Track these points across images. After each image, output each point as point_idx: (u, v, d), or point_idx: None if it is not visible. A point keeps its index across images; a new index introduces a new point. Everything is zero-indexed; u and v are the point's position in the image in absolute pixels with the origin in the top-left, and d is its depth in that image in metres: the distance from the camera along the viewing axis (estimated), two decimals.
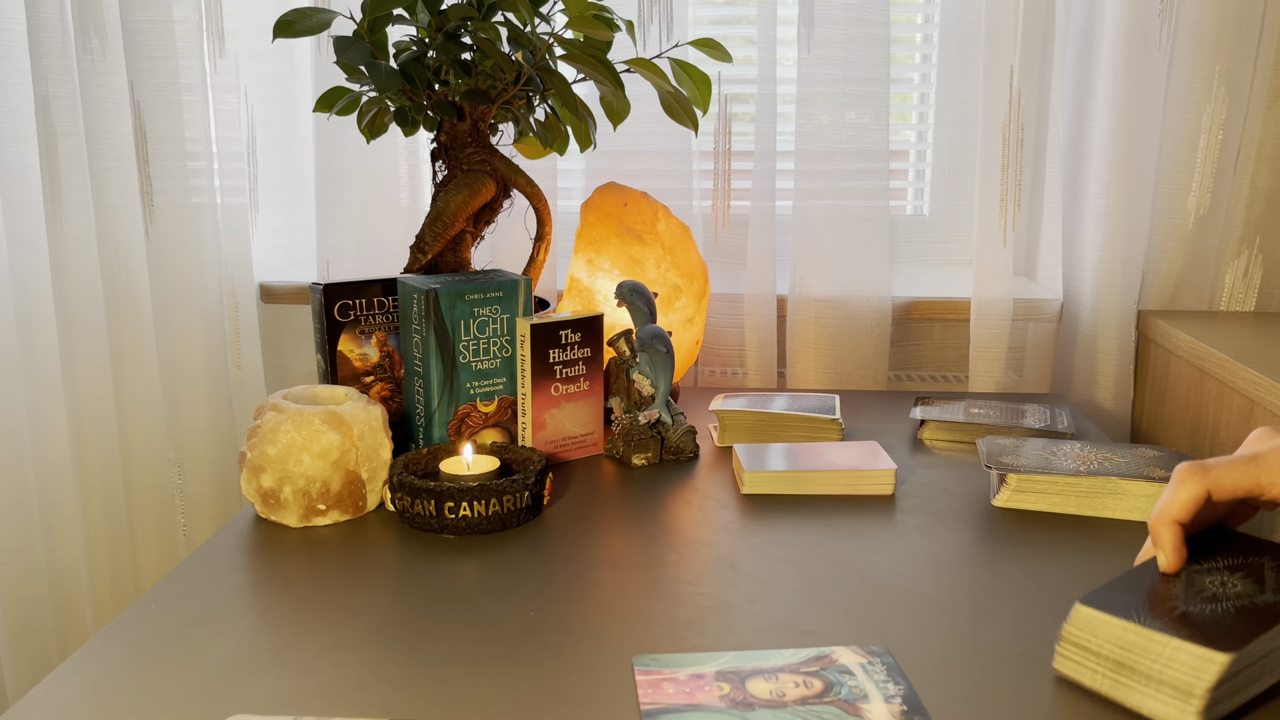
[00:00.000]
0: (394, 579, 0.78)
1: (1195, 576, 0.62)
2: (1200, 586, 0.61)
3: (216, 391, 1.40)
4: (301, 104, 1.48)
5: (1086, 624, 0.61)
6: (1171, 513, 0.63)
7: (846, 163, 1.32)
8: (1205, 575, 0.63)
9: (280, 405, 0.89)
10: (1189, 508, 0.63)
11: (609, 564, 0.80)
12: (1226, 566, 0.63)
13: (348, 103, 1.03)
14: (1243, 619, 0.57)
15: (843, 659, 0.65)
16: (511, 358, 0.99)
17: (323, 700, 0.62)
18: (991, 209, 1.31)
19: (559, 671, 0.65)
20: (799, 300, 1.35)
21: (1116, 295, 1.30)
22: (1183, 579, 0.62)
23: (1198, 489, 0.63)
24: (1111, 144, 1.28)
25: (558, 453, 1.03)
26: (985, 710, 0.60)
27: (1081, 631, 0.61)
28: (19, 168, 1.31)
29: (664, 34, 1.30)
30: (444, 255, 1.05)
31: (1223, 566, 0.63)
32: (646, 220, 1.16)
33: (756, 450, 0.99)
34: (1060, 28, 1.29)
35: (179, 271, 1.35)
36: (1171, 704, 0.56)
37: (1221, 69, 1.25)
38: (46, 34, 1.26)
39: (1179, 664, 0.56)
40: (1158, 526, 0.63)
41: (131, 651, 0.67)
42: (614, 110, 1.05)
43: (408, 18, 0.99)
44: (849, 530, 0.86)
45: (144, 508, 1.41)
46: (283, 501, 0.87)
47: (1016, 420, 1.10)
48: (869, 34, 1.28)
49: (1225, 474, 0.63)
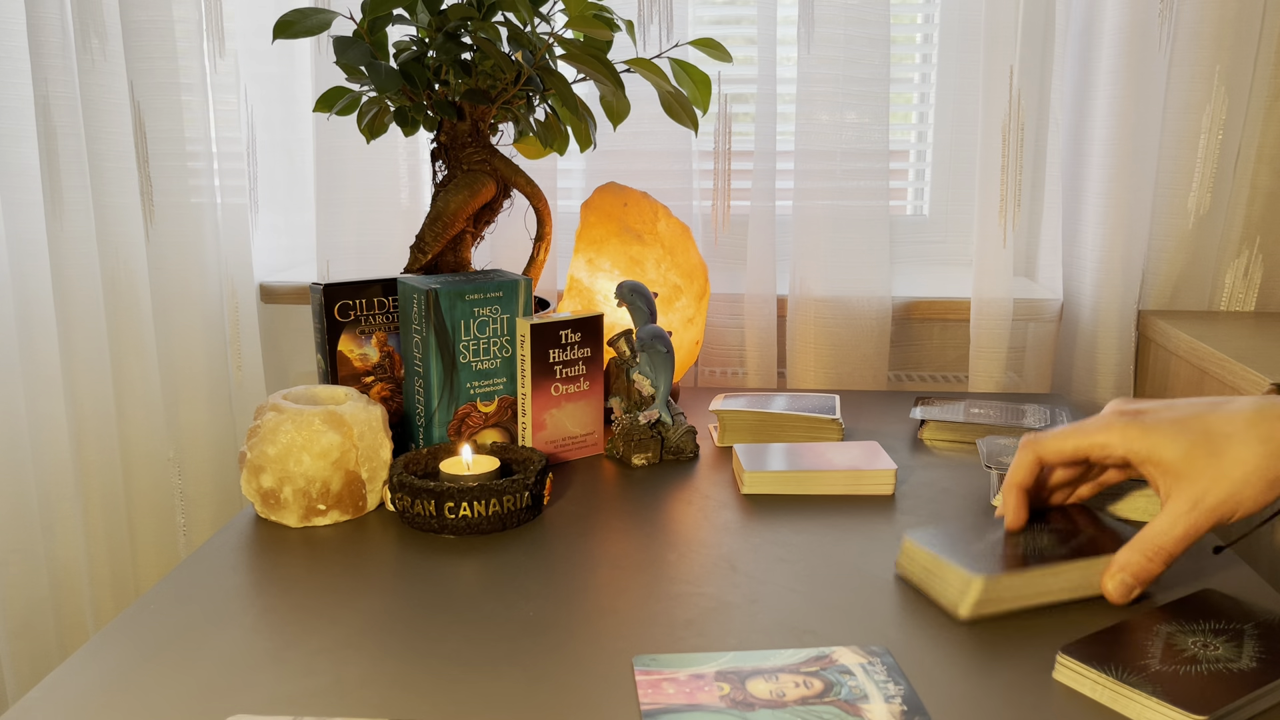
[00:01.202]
0: (394, 579, 0.78)
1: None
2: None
3: (216, 391, 1.40)
4: (301, 104, 1.48)
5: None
6: (1014, 478, 0.74)
7: (846, 163, 1.32)
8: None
9: (280, 405, 0.89)
10: (1024, 472, 0.74)
11: (609, 564, 0.80)
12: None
13: (348, 103, 1.03)
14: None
15: (843, 659, 0.65)
16: (511, 358, 0.99)
17: (323, 700, 0.62)
18: (991, 209, 1.31)
19: (559, 671, 0.65)
20: (799, 300, 1.35)
21: (1116, 295, 1.30)
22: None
23: (1029, 455, 0.73)
24: (1111, 144, 1.28)
25: (558, 453, 1.03)
26: (985, 710, 0.60)
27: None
28: (19, 168, 1.31)
29: (664, 34, 1.30)
30: (444, 255, 1.05)
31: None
32: (646, 220, 1.16)
33: (756, 450, 0.99)
34: (1060, 28, 1.29)
35: (179, 271, 1.35)
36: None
37: (1221, 69, 1.25)
38: (46, 34, 1.26)
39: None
40: (1004, 491, 0.75)
41: (131, 651, 0.67)
42: (614, 110, 1.05)
43: (408, 18, 0.99)
44: (849, 530, 0.86)
45: (144, 508, 1.41)
46: (283, 501, 0.87)
47: (1016, 420, 1.10)
48: (869, 34, 1.28)
49: (1050, 441, 0.72)
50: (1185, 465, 0.66)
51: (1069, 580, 0.72)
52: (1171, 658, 0.61)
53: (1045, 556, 0.71)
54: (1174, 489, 0.66)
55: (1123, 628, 0.65)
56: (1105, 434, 0.69)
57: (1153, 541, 0.67)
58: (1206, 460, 0.65)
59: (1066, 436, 0.71)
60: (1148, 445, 0.67)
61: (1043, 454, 0.73)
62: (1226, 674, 0.60)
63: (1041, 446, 0.73)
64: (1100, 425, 0.70)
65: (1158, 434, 0.67)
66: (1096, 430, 0.70)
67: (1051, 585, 0.71)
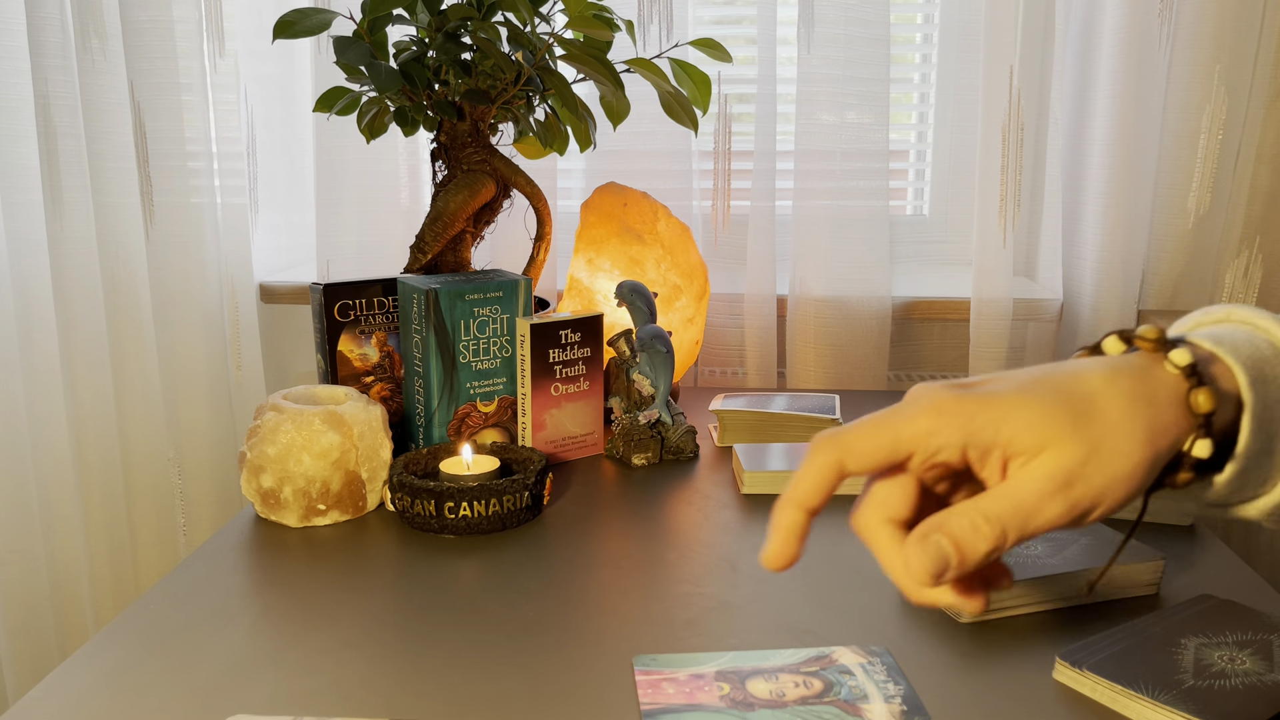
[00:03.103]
0: (394, 579, 0.78)
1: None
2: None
3: (216, 391, 1.40)
4: (301, 104, 1.48)
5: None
6: (802, 494, 0.47)
7: (846, 163, 1.32)
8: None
9: (280, 405, 0.89)
10: (818, 486, 0.47)
11: (609, 564, 0.80)
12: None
13: (348, 103, 1.03)
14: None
15: (843, 659, 0.65)
16: (511, 358, 0.99)
17: (323, 700, 0.62)
18: (991, 209, 1.31)
19: (559, 671, 0.65)
20: (799, 300, 1.35)
21: (1116, 295, 1.30)
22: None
23: (827, 459, 0.47)
24: (1111, 144, 1.28)
25: (558, 453, 1.03)
26: (985, 710, 0.60)
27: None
28: (19, 168, 1.31)
29: (664, 34, 1.30)
30: (444, 255, 1.05)
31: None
32: (646, 220, 1.16)
33: (756, 450, 0.99)
34: (1060, 28, 1.29)
35: (179, 271, 1.35)
36: None
37: (1221, 69, 1.25)
38: (46, 34, 1.26)
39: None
40: (778, 511, 0.47)
41: (131, 651, 0.67)
42: (614, 110, 1.05)
43: (408, 18, 0.99)
44: (849, 530, 0.86)
45: (144, 508, 1.41)
46: (283, 501, 0.87)
47: None
48: (869, 34, 1.28)
49: (855, 438, 0.47)
50: (1046, 434, 0.46)
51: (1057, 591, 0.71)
52: (1201, 673, 0.60)
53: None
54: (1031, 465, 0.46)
55: (1131, 635, 0.65)
56: (930, 418, 0.46)
57: (999, 514, 0.45)
58: (1073, 427, 0.46)
59: (878, 429, 0.47)
60: (991, 421, 0.46)
61: (847, 459, 0.47)
62: (1260, 687, 0.59)
63: (844, 447, 0.46)
64: (920, 410, 0.47)
65: (1000, 405, 0.46)
66: (917, 416, 0.46)
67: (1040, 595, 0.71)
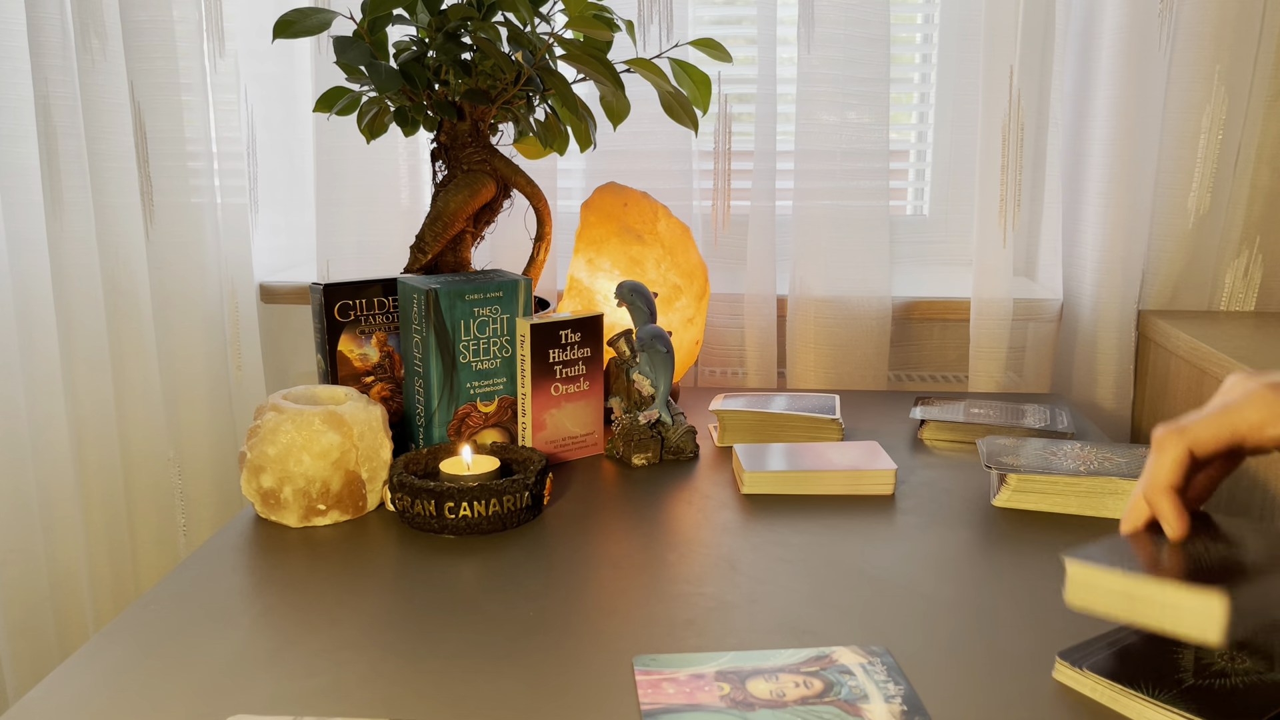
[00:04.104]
0: (394, 579, 0.78)
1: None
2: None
3: (216, 392, 1.40)
4: (301, 104, 1.48)
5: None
6: (1161, 481, 0.61)
7: (846, 163, 1.32)
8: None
9: (280, 405, 0.89)
10: (1175, 471, 0.61)
11: (609, 564, 0.80)
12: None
13: (348, 103, 1.03)
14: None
15: (843, 659, 0.65)
16: (511, 358, 0.99)
17: (323, 700, 0.62)
18: (991, 209, 1.31)
19: (559, 671, 0.65)
20: (799, 300, 1.35)
21: (1116, 295, 1.30)
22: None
23: (1179, 450, 0.61)
24: (1111, 144, 1.28)
25: (558, 453, 1.03)
26: (985, 710, 0.60)
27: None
28: (19, 168, 1.31)
29: (664, 34, 1.30)
30: (444, 255, 1.05)
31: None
32: (646, 220, 1.16)
33: (756, 450, 0.99)
34: (1060, 28, 1.29)
35: (179, 271, 1.35)
36: None
37: (1221, 69, 1.25)
38: (46, 34, 1.26)
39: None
40: (1154, 497, 0.61)
41: (131, 651, 0.67)
42: (614, 110, 1.05)
43: (408, 18, 0.99)
44: (849, 530, 0.86)
45: (144, 508, 1.41)
46: (283, 501, 0.87)
47: (1016, 420, 1.10)
48: (869, 34, 1.28)
49: (1202, 430, 0.60)
50: None
51: None
52: (1200, 672, 0.60)
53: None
54: None
55: (1131, 634, 0.64)
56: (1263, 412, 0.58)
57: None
58: None
59: (1219, 421, 0.60)
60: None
61: (1195, 445, 0.60)
62: (1260, 685, 0.59)
63: (1193, 438, 0.60)
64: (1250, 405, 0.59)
65: None
66: (1247, 410, 0.59)
67: None
